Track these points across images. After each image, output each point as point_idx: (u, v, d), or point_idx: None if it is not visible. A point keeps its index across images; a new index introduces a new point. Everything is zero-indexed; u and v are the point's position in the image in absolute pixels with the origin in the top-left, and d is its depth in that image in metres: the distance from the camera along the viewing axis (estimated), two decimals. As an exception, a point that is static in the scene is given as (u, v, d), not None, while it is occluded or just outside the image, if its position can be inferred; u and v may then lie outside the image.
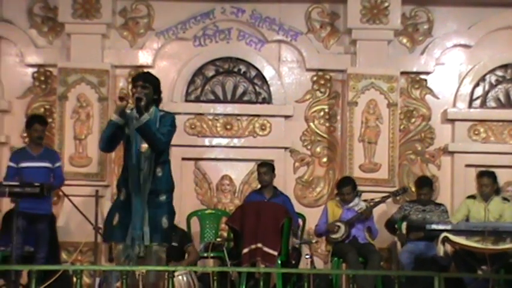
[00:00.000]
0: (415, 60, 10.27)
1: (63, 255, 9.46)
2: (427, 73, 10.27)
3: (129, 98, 6.74)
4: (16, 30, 10.17)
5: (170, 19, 10.20)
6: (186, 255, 8.93)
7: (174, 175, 9.50)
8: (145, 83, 6.89)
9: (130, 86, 7.27)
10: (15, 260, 8.25)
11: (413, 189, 9.70)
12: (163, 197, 6.92)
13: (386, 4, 10.01)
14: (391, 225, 9.37)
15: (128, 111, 6.87)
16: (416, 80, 10.27)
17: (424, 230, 8.73)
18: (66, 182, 9.44)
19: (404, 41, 10.31)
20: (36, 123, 8.96)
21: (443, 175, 10.14)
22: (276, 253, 8.43)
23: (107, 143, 6.92)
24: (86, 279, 9.08)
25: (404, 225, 9.32)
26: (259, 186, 9.47)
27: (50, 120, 10.05)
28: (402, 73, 10.15)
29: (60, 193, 9.43)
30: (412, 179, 9.94)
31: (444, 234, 8.34)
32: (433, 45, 10.27)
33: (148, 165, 6.84)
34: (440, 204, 9.42)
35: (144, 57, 10.18)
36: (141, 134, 6.77)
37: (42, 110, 10.13)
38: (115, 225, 6.84)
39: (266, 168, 9.34)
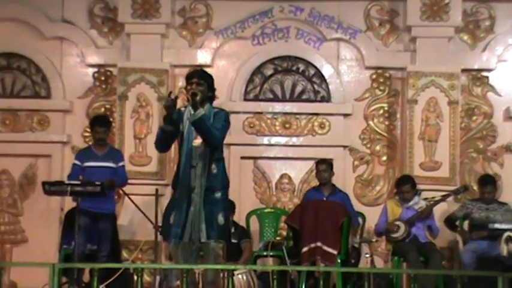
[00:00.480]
0: (476, 57, 10.14)
1: (124, 254, 9.52)
2: (489, 70, 10.12)
3: (174, 95, 6.83)
4: (77, 31, 10.27)
5: (229, 18, 10.21)
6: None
7: (233, 174, 9.65)
8: (200, 79, 6.95)
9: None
10: (78, 258, 8.34)
11: (475, 187, 9.58)
12: (218, 194, 6.92)
13: (446, 1, 9.90)
14: (451, 221, 9.27)
15: (182, 108, 6.93)
16: (478, 77, 10.13)
17: (487, 229, 8.61)
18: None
19: (465, 38, 10.19)
20: (97, 125, 9.03)
21: (506, 173, 10.00)
22: (335, 252, 8.39)
23: (160, 146, 7.08)
24: (147, 278, 9.14)
25: (466, 223, 9.21)
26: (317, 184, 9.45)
27: (110, 119, 10.15)
28: (463, 70, 10.02)
29: (121, 192, 9.51)
30: (474, 178, 9.83)
31: (508, 233, 8.22)
32: (495, 42, 10.13)
33: (202, 162, 6.86)
34: (504, 203, 9.28)
35: (202, 57, 10.21)
36: (196, 128, 6.80)
37: (102, 109, 10.23)
38: (172, 224, 6.87)
39: (325, 165, 9.31)
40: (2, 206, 10.15)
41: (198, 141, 6.88)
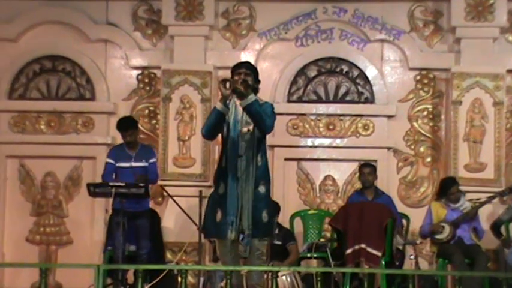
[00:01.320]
0: (522, 57, 10.05)
1: (168, 255, 9.57)
2: (535, 70, 10.02)
3: (233, 82, 6.79)
4: (121, 33, 10.33)
5: (272, 20, 10.21)
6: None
7: (277, 175, 9.69)
8: (248, 70, 6.99)
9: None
10: (119, 259, 8.39)
11: (520, 189, 9.49)
12: (262, 189, 6.89)
13: (491, 1, 9.81)
14: (497, 227, 9.16)
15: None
16: (524, 78, 10.04)
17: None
18: (170, 183, 9.59)
19: (511, 38, 10.08)
20: (120, 130, 9.06)
21: (552, 175, 9.89)
22: (379, 254, 8.37)
23: (211, 130, 6.97)
24: (191, 279, 9.16)
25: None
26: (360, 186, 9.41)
27: (154, 121, 10.21)
28: (508, 71, 9.92)
29: (165, 194, 9.55)
30: (519, 179, 9.73)
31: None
32: (541, 41, 10.04)
33: (249, 151, 6.86)
34: (550, 205, 9.18)
35: (246, 58, 10.11)
36: (248, 112, 6.79)
37: (146, 111, 10.28)
38: (219, 222, 6.86)
39: (369, 168, 9.29)
40: (47, 208, 10.23)
41: (245, 129, 6.90)
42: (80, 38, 10.36)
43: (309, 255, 9.08)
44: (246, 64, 7.15)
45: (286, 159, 10.08)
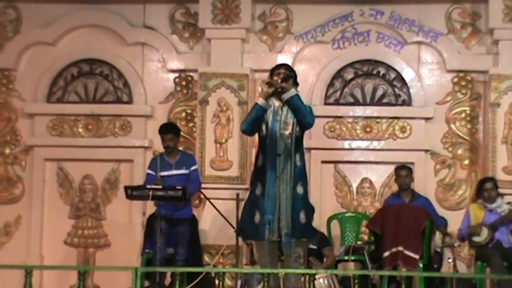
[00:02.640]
0: (561, 59, 9.95)
1: (206, 258, 9.57)
2: None
3: (277, 84, 6.90)
4: (158, 36, 10.38)
5: (309, 23, 10.20)
6: (325, 259, 8.92)
7: (313, 178, 9.67)
8: (287, 71, 7.10)
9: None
10: (159, 262, 8.42)
11: (560, 192, 9.39)
12: (300, 190, 6.90)
13: (529, 3, 9.75)
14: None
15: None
16: None
17: None
18: (208, 186, 9.60)
19: (549, 40, 10.00)
20: (163, 133, 9.05)
21: None
22: (417, 256, 8.33)
23: (251, 125, 7.04)
24: (228, 282, 9.15)
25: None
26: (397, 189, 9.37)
27: (191, 124, 10.24)
28: (546, 72, 9.84)
29: (202, 196, 9.56)
30: (559, 182, 9.63)
31: None
32: None
33: (288, 151, 6.90)
34: None
35: (282, 61, 10.11)
36: (290, 105, 6.91)
37: (183, 114, 10.31)
38: (257, 223, 6.86)
39: (406, 171, 9.25)
40: (85, 211, 10.29)
41: (284, 131, 6.96)
42: (117, 42, 10.43)
43: (346, 258, 9.05)
44: (286, 65, 7.27)
45: (323, 162, 10.06)
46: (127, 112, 10.36)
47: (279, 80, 6.94)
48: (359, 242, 9.32)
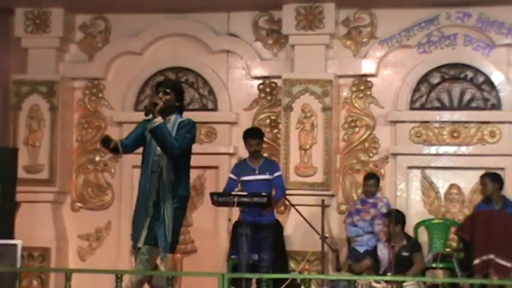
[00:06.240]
0: None
1: (291, 264, 9.57)
2: None
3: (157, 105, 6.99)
4: (242, 43, 10.42)
5: (393, 27, 10.09)
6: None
7: (400, 184, 9.55)
8: (167, 89, 7.09)
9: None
10: (244, 268, 8.43)
11: None
12: (168, 205, 7.05)
13: None
14: None
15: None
16: None
17: None
18: (292, 192, 9.58)
19: None
20: (250, 138, 9.06)
21: None
22: (510, 265, 8.15)
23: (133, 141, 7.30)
24: (314, 288, 9.14)
25: None
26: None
27: (275, 131, 10.24)
28: None
29: (287, 203, 9.55)
30: None
31: None
32: None
33: (161, 168, 7.04)
34: None
35: (367, 66, 10.14)
36: (152, 136, 6.97)
37: (267, 121, 10.32)
38: None
39: (488, 178, 8.98)
40: (172, 217, 10.38)
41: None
42: (202, 50, 10.51)
43: (434, 265, 8.93)
44: (166, 82, 7.39)
45: (409, 168, 9.94)
46: (212, 119, 10.42)
47: (153, 101, 7.00)
48: (447, 249, 9.18)
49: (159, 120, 6.93)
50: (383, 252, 8.83)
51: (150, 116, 6.94)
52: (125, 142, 7.18)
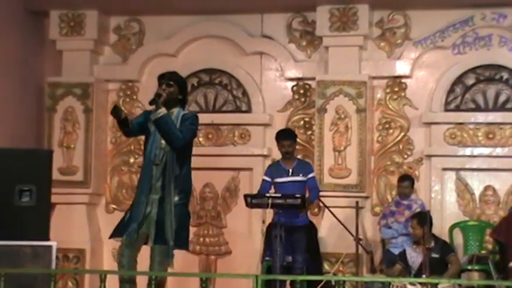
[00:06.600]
0: None
1: (326, 266, 9.55)
2: None
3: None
4: (276, 45, 10.42)
5: (428, 28, 10.04)
6: (449, 266, 8.76)
7: (434, 185, 9.50)
8: (170, 81, 7.02)
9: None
10: (278, 270, 8.43)
11: None
12: (176, 198, 6.94)
13: None
14: None
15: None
16: None
17: None
18: (326, 194, 9.56)
19: None
20: (282, 139, 9.02)
21: None
22: (546, 267, 8.08)
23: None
24: (346, 290, 9.10)
25: None
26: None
27: (309, 132, 10.22)
28: None
29: (321, 204, 9.54)
30: None
31: None
32: None
33: (165, 160, 6.93)
34: None
35: (401, 68, 10.10)
36: (156, 127, 6.88)
37: (301, 122, 10.30)
38: (125, 222, 7.00)
39: None
40: (206, 219, 10.41)
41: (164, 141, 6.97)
42: (236, 51, 10.52)
43: (469, 267, 8.87)
44: (169, 75, 7.18)
45: (444, 169, 9.88)
46: (246, 121, 10.43)
47: (157, 92, 6.94)
48: (483, 251, 9.12)
49: (163, 111, 6.90)
50: (412, 255, 8.78)
51: (153, 108, 6.92)
52: (134, 121, 7.13)
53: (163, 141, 6.96)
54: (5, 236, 8.18)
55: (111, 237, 7.16)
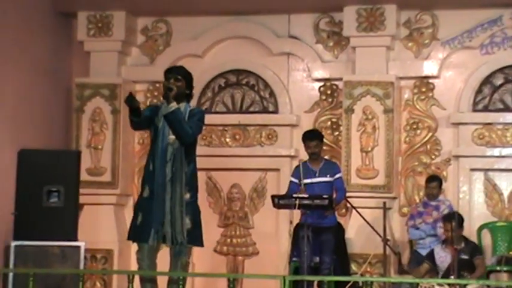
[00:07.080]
0: None
1: (353, 267, 9.54)
2: None
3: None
4: (303, 46, 10.41)
5: (455, 28, 10.00)
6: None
7: (463, 186, 9.44)
8: (178, 75, 7.05)
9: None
10: (305, 271, 8.43)
11: None
12: (187, 196, 7.01)
13: None
14: None
15: (160, 103, 7.05)
16: None
17: None
18: (354, 194, 9.55)
19: None
20: (308, 140, 9.02)
21: None
22: None
23: (134, 127, 7.32)
24: (377, 291, 9.10)
25: None
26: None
27: (336, 133, 10.20)
28: None
29: (348, 205, 9.53)
30: None
31: None
32: None
33: (175, 157, 6.96)
34: None
35: (429, 68, 10.05)
36: (168, 122, 6.86)
37: (328, 123, 10.29)
38: (139, 225, 6.97)
39: None
40: (233, 219, 10.43)
41: (172, 137, 6.96)
42: (263, 52, 10.53)
43: (498, 268, 8.82)
44: (177, 69, 7.30)
45: (472, 170, 9.83)
46: (273, 122, 10.43)
47: (167, 86, 6.98)
48: (511, 252, 9.05)
49: (174, 105, 6.91)
50: (440, 255, 8.74)
51: (159, 103, 6.98)
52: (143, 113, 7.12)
53: (171, 138, 6.96)
54: (34, 236, 8.27)
55: (129, 239, 7.19)
